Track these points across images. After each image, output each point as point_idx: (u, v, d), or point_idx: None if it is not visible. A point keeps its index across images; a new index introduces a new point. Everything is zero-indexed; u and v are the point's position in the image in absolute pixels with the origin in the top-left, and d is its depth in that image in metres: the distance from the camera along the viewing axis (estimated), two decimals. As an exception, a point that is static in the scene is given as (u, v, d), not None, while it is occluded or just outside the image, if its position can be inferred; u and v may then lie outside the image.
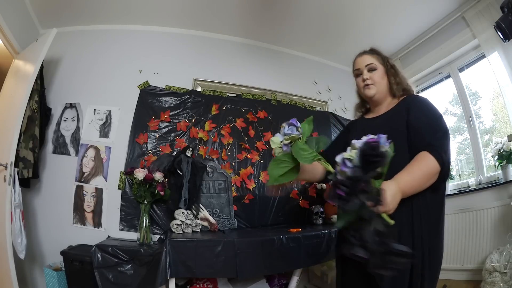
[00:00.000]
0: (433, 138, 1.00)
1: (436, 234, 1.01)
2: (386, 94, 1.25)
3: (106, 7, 2.55)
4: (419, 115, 1.08)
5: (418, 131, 1.03)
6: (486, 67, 2.55)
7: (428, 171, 0.93)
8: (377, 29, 2.88)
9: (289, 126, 0.89)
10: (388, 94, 1.25)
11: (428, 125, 1.04)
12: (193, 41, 2.88)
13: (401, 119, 1.09)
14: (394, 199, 0.83)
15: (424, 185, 0.93)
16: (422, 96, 1.23)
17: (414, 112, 1.09)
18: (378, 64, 1.26)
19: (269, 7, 2.57)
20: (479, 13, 2.44)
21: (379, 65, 1.26)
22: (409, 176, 0.91)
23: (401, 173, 0.92)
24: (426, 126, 1.04)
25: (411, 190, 0.91)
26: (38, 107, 2.21)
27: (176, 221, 2.03)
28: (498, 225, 2.24)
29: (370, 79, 1.24)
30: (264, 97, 2.86)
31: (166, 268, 1.57)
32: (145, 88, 2.59)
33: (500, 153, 2.30)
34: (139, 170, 2.13)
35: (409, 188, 0.90)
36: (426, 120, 1.06)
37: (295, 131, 0.88)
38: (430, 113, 1.09)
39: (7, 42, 2.24)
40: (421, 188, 0.93)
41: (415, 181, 0.92)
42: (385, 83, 1.24)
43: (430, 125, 1.04)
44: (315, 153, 0.87)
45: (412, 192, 0.92)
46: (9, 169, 1.78)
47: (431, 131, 1.02)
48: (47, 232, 2.23)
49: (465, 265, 2.41)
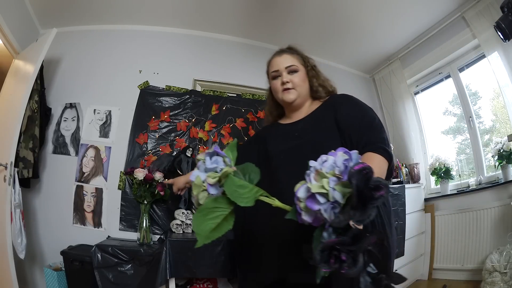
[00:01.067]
0: (370, 135, 0.94)
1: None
2: (307, 97, 1.15)
3: (106, 7, 2.55)
4: (348, 112, 1.01)
5: (353, 129, 0.96)
6: (486, 67, 2.55)
7: (380, 171, 0.86)
8: (377, 29, 2.88)
9: (212, 156, 0.64)
10: (308, 97, 1.16)
11: (361, 121, 0.97)
12: (193, 41, 2.87)
13: (329, 120, 1.01)
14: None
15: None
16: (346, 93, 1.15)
17: (342, 110, 1.02)
18: (299, 65, 1.14)
19: (269, 7, 2.57)
20: (479, 13, 2.44)
21: (300, 66, 1.14)
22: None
23: None
24: (360, 122, 0.97)
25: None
26: (38, 107, 2.21)
27: (176, 221, 2.03)
28: (498, 225, 2.24)
29: (291, 83, 1.11)
30: (264, 97, 2.86)
31: (166, 268, 1.57)
32: (145, 88, 2.59)
33: (500, 153, 2.30)
34: (139, 170, 2.13)
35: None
36: (358, 116, 0.99)
37: (222, 163, 0.64)
38: (359, 108, 1.02)
39: (7, 42, 2.24)
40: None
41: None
42: (307, 85, 1.14)
43: (363, 121, 0.97)
44: (255, 188, 0.63)
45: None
46: (9, 169, 1.78)
47: (367, 127, 0.95)
48: (47, 232, 2.23)
49: (465, 265, 2.41)
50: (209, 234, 0.59)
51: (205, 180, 0.61)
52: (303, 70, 1.15)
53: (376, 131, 0.95)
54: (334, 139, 0.97)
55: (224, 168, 0.62)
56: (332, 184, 0.49)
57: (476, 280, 2.27)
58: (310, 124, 1.07)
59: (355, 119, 0.98)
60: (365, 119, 0.98)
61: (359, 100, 1.07)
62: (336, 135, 0.98)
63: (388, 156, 0.89)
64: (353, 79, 3.59)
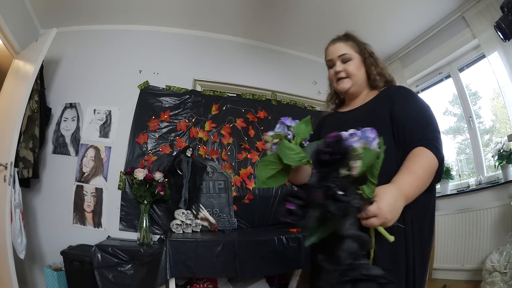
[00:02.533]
0: (426, 131, 0.86)
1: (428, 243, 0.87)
2: (363, 86, 1.09)
3: (106, 7, 2.55)
4: (406, 106, 0.94)
5: (408, 124, 0.89)
6: (486, 67, 2.55)
7: (429, 168, 0.80)
8: (377, 29, 2.88)
9: (280, 124, 0.79)
10: (365, 86, 1.09)
11: (418, 117, 0.90)
12: (193, 41, 2.87)
13: (384, 111, 0.95)
14: (394, 207, 0.69)
15: (426, 185, 0.80)
16: (405, 86, 1.09)
17: (399, 103, 0.95)
18: (353, 53, 1.09)
19: (269, 7, 2.57)
20: (479, 13, 2.44)
21: (355, 54, 1.09)
22: (411, 177, 0.77)
23: (400, 173, 0.78)
24: (416, 118, 0.90)
25: (415, 192, 0.77)
26: (38, 107, 2.21)
27: (176, 221, 2.03)
28: (498, 225, 2.24)
29: (344, 71, 1.07)
30: (264, 97, 2.86)
31: (166, 268, 1.57)
32: (145, 88, 2.59)
33: (500, 153, 2.30)
34: (139, 170, 2.13)
35: (413, 190, 0.76)
36: (415, 112, 0.92)
37: (285, 130, 0.78)
38: (418, 104, 0.95)
39: (7, 42, 2.24)
40: (424, 189, 0.79)
41: (419, 181, 0.78)
42: (362, 74, 1.08)
43: (421, 117, 0.90)
44: (303, 154, 0.73)
45: (416, 195, 0.77)
46: (9, 169, 1.78)
47: (423, 124, 0.88)
48: (47, 232, 2.23)
49: (465, 265, 2.41)
50: (265, 180, 0.77)
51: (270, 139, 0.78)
52: (358, 58, 1.09)
53: (432, 129, 0.87)
54: (385, 131, 0.85)
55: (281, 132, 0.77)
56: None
57: (476, 280, 2.27)
58: (363, 114, 1.02)
59: (412, 114, 0.91)
60: (423, 116, 0.90)
61: (418, 96, 1.00)
62: (388, 127, 0.91)
63: (440, 156, 0.81)
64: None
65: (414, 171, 0.78)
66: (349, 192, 0.59)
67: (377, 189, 0.69)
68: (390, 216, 0.68)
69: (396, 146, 0.88)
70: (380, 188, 0.70)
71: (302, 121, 0.81)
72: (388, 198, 0.69)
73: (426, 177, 0.79)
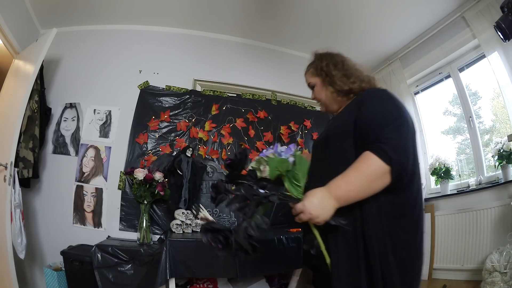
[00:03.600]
0: (381, 133, 0.83)
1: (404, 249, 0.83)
2: (337, 100, 1.11)
3: (106, 7, 2.55)
4: (367, 108, 0.92)
5: (364, 126, 0.89)
6: (486, 67, 2.55)
7: (369, 172, 0.80)
8: (377, 29, 2.88)
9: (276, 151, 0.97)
10: (342, 97, 1.10)
11: (376, 119, 0.88)
12: (193, 41, 2.88)
13: (350, 116, 0.95)
14: (319, 205, 0.78)
15: (369, 189, 0.81)
16: (378, 88, 1.06)
17: (363, 106, 0.93)
18: (314, 79, 1.18)
19: (269, 7, 2.57)
20: (479, 13, 2.44)
21: (316, 78, 1.17)
22: (342, 180, 0.81)
23: (336, 178, 0.82)
24: (374, 120, 0.88)
25: (349, 195, 0.81)
26: (38, 107, 2.21)
27: (176, 221, 2.03)
28: (498, 225, 2.24)
29: (315, 98, 1.19)
30: (264, 97, 2.86)
31: (166, 268, 1.57)
32: (145, 88, 2.59)
33: (500, 153, 2.30)
34: (139, 170, 2.13)
35: (344, 193, 0.80)
36: (374, 114, 0.90)
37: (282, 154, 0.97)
38: (380, 105, 0.92)
39: (7, 42, 2.24)
40: (365, 192, 0.81)
41: (351, 184, 0.80)
42: (329, 93, 1.12)
43: (379, 119, 0.87)
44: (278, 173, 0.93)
45: (353, 198, 0.81)
46: (9, 169, 1.78)
47: (379, 126, 0.85)
48: (47, 232, 2.23)
49: (465, 265, 2.41)
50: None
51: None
52: (319, 82, 1.16)
53: (389, 130, 0.84)
54: (346, 136, 0.92)
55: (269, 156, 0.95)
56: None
57: (476, 280, 2.27)
58: (334, 121, 1.08)
59: (370, 116, 0.90)
60: (381, 118, 0.88)
61: (386, 97, 0.96)
62: (350, 132, 0.92)
63: (388, 159, 0.79)
64: (353, 79, 3.59)
65: (347, 174, 0.82)
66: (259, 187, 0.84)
67: (309, 191, 0.83)
68: (315, 213, 0.78)
69: (355, 149, 0.88)
70: (311, 190, 0.82)
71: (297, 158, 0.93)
72: (313, 197, 0.80)
73: (363, 181, 0.80)
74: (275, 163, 0.85)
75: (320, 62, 1.17)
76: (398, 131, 0.84)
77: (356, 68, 1.13)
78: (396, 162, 0.79)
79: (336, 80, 1.09)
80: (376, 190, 0.81)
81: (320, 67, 1.16)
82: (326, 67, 1.14)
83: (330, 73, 1.12)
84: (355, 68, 1.13)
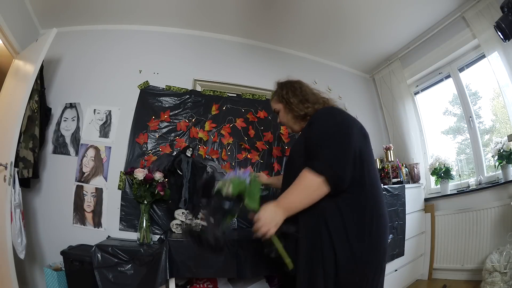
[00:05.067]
0: (317, 151, 1.02)
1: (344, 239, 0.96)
2: (296, 123, 1.31)
3: (106, 7, 2.55)
4: (312, 130, 1.10)
5: (309, 146, 1.07)
6: (486, 67, 2.55)
7: (306, 185, 0.98)
8: (377, 29, 2.88)
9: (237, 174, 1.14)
10: (298, 120, 1.30)
11: (315, 139, 1.06)
12: (193, 41, 2.87)
13: (303, 138, 1.15)
14: (271, 215, 0.98)
15: (309, 199, 0.99)
16: (326, 107, 1.23)
17: (309, 128, 1.13)
18: (278, 105, 1.37)
19: (269, 7, 2.57)
20: (479, 13, 2.44)
21: (279, 104, 1.36)
22: (286, 195, 1.01)
23: (283, 193, 1.03)
24: (313, 140, 1.06)
25: (293, 205, 1.00)
26: (38, 107, 2.21)
27: (176, 221, 2.03)
28: (498, 225, 2.24)
29: (280, 122, 1.39)
30: (264, 97, 2.86)
31: (166, 268, 1.57)
32: (145, 88, 2.59)
33: (500, 153, 2.30)
34: (139, 170, 2.13)
35: (290, 205, 1.00)
36: (315, 134, 1.07)
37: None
38: (321, 125, 1.09)
39: (7, 42, 2.24)
40: (307, 201, 0.99)
41: (294, 196, 1.00)
42: (291, 117, 1.32)
43: (317, 138, 1.05)
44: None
45: (297, 207, 1.00)
46: (9, 169, 1.78)
47: (317, 145, 1.03)
48: (47, 232, 2.23)
49: (465, 265, 2.41)
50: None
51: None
52: (282, 108, 1.35)
53: (323, 146, 1.01)
54: (300, 155, 1.11)
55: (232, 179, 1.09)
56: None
57: (476, 280, 2.28)
58: (295, 141, 1.30)
59: (312, 136, 1.08)
60: (320, 137, 1.04)
61: (328, 115, 1.12)
62: (302, 152, 1.10)
63: (320, 171, 0.96)
64: (353, 79, 3.59)
65: (289, 190, 1.01)
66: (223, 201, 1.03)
67: (263, 205, 1.02)
68: (268, 221, 0.97)
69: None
70: (265, 204, 1.01)
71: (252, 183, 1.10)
72: (266, 209, 0.99)
73: (303, 194, 0.99)
74: (236, 183, 1.04)
75: (281, 91, 1.36)
76: (332, 146, 1.00)
77: (312, 93, 1.31)
78: (328, 174, 0.95)
79: (294, 106, 1.28)
80: (317, 199, 0.98)
81: (281, 95, 1.35)
82: (286, 95, 1.33)
83: (289, 101, 1.30)
84: (312, 93, 1.31)
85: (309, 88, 1.35)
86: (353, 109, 3.39)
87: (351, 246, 0.95)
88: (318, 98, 1.29)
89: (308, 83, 1.39)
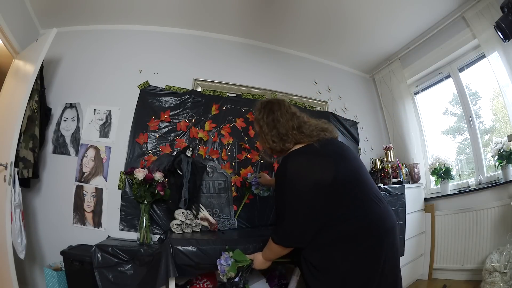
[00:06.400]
0: (277, 217, 1.29)
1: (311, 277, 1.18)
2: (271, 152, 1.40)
3: (106, 7, 2.55)
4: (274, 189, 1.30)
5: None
6: (486, 67, 2.55)
7: (273, 251, 1.30)
8: (377, 29, 2.88)
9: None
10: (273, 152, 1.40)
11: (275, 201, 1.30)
12: (193, 41, 2.88)
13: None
14: (261, 264, 1.39)
15: (279, 255, 1.30)
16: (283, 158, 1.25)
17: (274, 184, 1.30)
18: (256, 126, 1.46)
19: (269, 7, 2.57)
20: (479, 13, 2.44)
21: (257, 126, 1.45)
22: (265, 250, 1.37)
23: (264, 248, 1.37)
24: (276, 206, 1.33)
25: (269, 258, 1.37)
26: (38, 107, 2.21)
27: (176, 221, 2.03)
28: (498, 225, 2.24)
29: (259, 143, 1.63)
30: (264, 97, 2.86)
31: (166, 268, 1.57)
32: (145, 88, 2.59)
33: (500, 153, 2.30)
34: (139, 170, 2.13)
35: (267, 257, 1.37)
36: (274, 196, 1.29)
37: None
38: (275, 190, 1.26)
39: (7, 42, 2.24)
40: (273, 254, 1.32)
41: (265, 253, 1.36)
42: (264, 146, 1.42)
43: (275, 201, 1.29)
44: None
45: (273, 259, 1.37)
46: (9, 169, 1.78)
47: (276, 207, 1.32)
48: (47, 232, 2.23)
49: (465, 265, 2.41)
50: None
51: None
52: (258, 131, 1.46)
53: (278, 214, 1.25)
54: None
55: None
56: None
57: (476, 280, 2.28)
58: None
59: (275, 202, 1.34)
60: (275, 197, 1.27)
61: (279, 178, 1.21)
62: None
63: (274, 240, 1.25)
64: (353, 79, 3.60)
65: (265, 249, 1.37)
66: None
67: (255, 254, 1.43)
68: (257, 264, 1.42)
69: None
70: (256, 253, 1.43)
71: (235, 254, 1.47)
72: (256, 257, 1.42)
73: (274, 254, 1.32)
74: (233, 267, 1.41)
75: (259, 114, 1.36)
76: (281, 215, 1.19)
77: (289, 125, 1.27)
78: (285, 244, 1.23)
79: (268, 139, 1.31)
80: (288, 251, 1.25)
81: (257, 119, 1.36)
82: (261, 121, 1.34)
83: (264, 132, 1.33)
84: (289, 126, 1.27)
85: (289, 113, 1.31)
86: (353, 109, 3.39)
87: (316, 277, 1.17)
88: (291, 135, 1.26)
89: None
